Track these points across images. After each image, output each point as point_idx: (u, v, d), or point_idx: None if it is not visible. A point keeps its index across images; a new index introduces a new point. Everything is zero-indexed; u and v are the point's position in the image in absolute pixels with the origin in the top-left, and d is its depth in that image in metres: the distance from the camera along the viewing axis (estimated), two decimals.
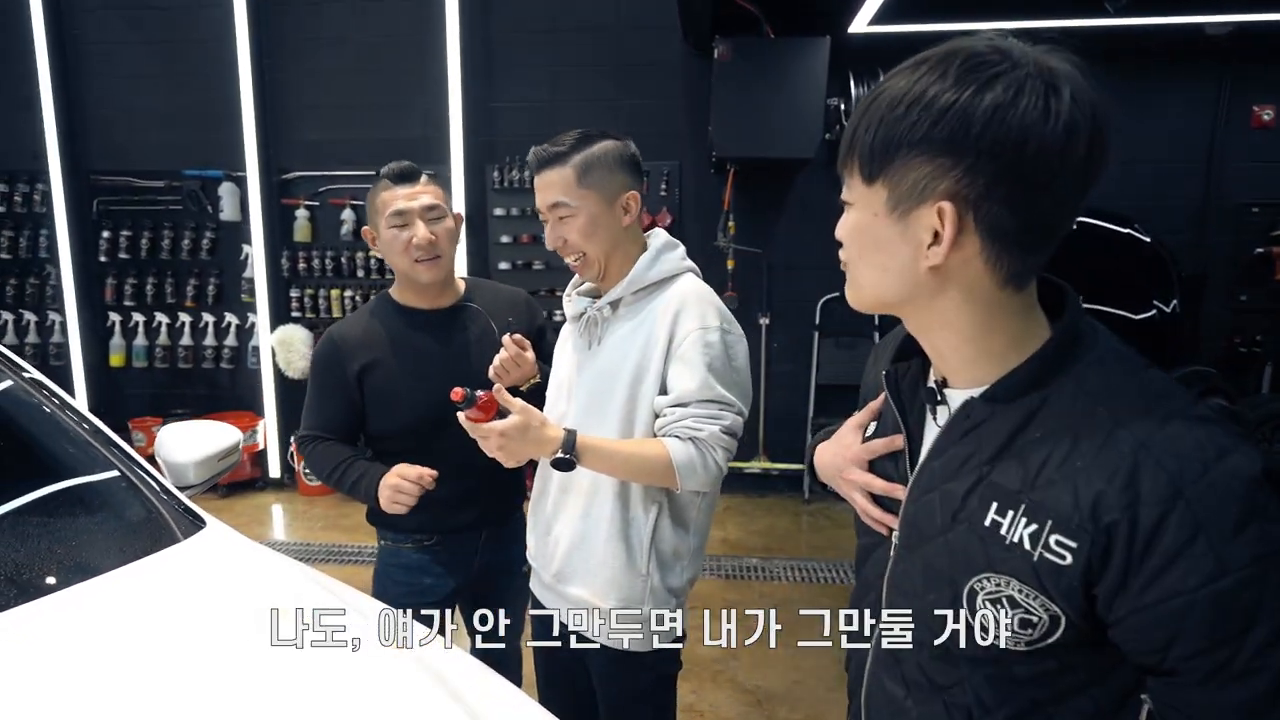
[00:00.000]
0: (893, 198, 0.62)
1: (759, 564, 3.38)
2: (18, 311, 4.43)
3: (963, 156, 0.58)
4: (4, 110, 4.27)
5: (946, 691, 0.69)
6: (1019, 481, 0.62)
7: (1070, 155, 0.58)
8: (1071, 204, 0.61)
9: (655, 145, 3.97)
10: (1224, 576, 0.54)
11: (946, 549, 0.67)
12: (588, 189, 1.20)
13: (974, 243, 0.61)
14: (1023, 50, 0.59)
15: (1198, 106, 3.84)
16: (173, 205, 4.29)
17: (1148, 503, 0.56)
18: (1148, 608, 0.57)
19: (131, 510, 1.23)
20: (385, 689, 0.92)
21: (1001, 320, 0.65)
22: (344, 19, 4.12)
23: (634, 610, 1.22)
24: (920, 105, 0.59)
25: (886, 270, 0.65)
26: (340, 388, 1.50)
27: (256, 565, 1.15)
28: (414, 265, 1.46)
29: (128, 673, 0.87)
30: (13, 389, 1.33)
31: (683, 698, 2.32)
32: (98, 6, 4.20)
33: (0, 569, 1.01)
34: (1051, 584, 0.60)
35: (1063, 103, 0.57)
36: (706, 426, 1.15)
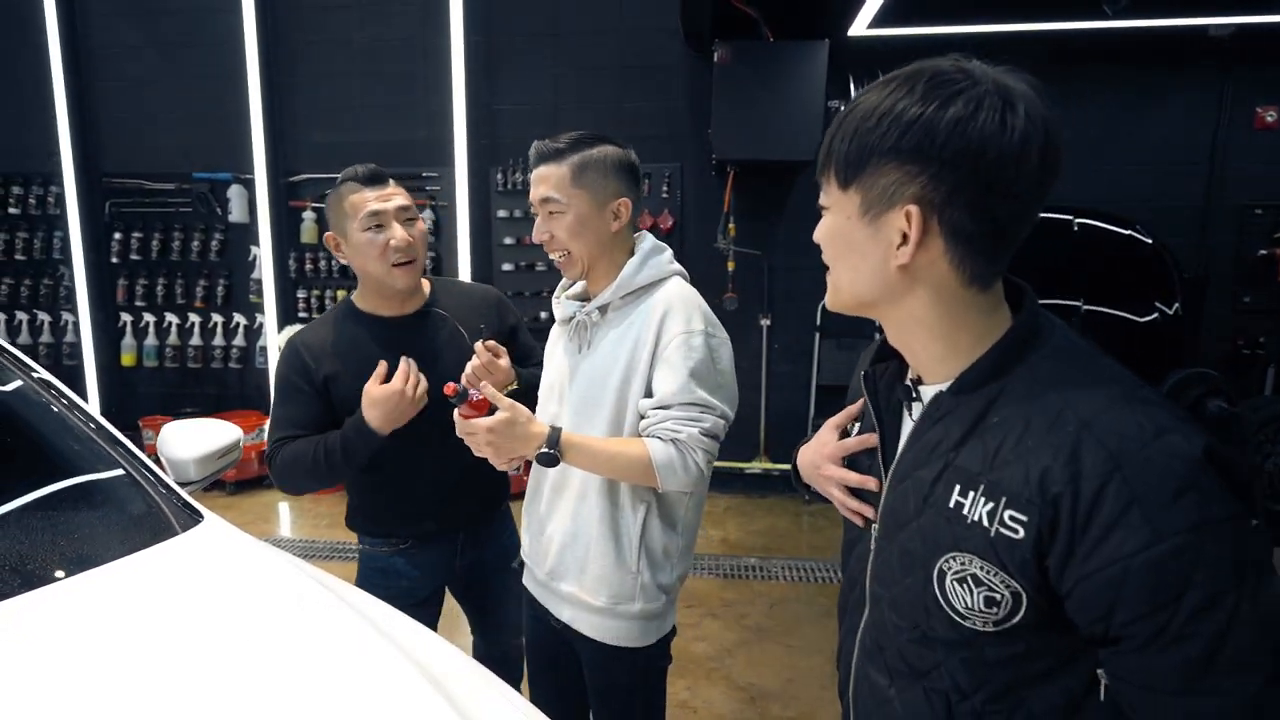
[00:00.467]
0: (865, 202, 0.67)
1: (757, 564, 3.41)
2: (32, 311, 4.52)
3: (928, 164, 0.63)
4: (19, 114, 4.36)
5: (925, 677, 0.72)
6: (979, 464, 0.66)
7: (1025, 164, 0.63)
8: (1027, 210, 0.66)
9: (656, 147, 4.01)
10: (1158, 544, 0.57)
11: (919, 533, 0.71)
12: (580, 189, 1.21)
13: (938, 244, 0.66)
14: (983, 70, 0.65)
15: (1200, 108, 3.83)
16: (183, 207, 4.37)
17: (1088, 476, 0.60)
18: (1090, 575, 0.60)
19: (132, 505, 1.27)
20: (367, 678, 0.96)
21: (968, 318, 0.69)
22: (349, 24, 4.18)
23: (625, 607, 1.25)
24: (890, 118, 0.64)
25: (859, 270, 0.70)
26: (309, 391, 1.46)
27: (248, 557, 1.19)
28: (390, 270, 1.41)
29: (120, 657, 0.91)
30: (22, 388, 1.38)
31: (677, 694, 2.36)
32: (110, 12, 4.28)
33: (6, 559, 1.05)
34: (1008, 558, 0.64)
35: (1018, 117, 0.62)
36: (687, 428, 1.17)
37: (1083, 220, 3.79)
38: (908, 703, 0.74)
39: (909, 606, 0.72)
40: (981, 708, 0.69)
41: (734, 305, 4.02)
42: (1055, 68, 3.83)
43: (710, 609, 2.97)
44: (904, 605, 0.73)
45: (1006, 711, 0.69)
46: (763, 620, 2.88)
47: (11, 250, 4.43)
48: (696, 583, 3.20)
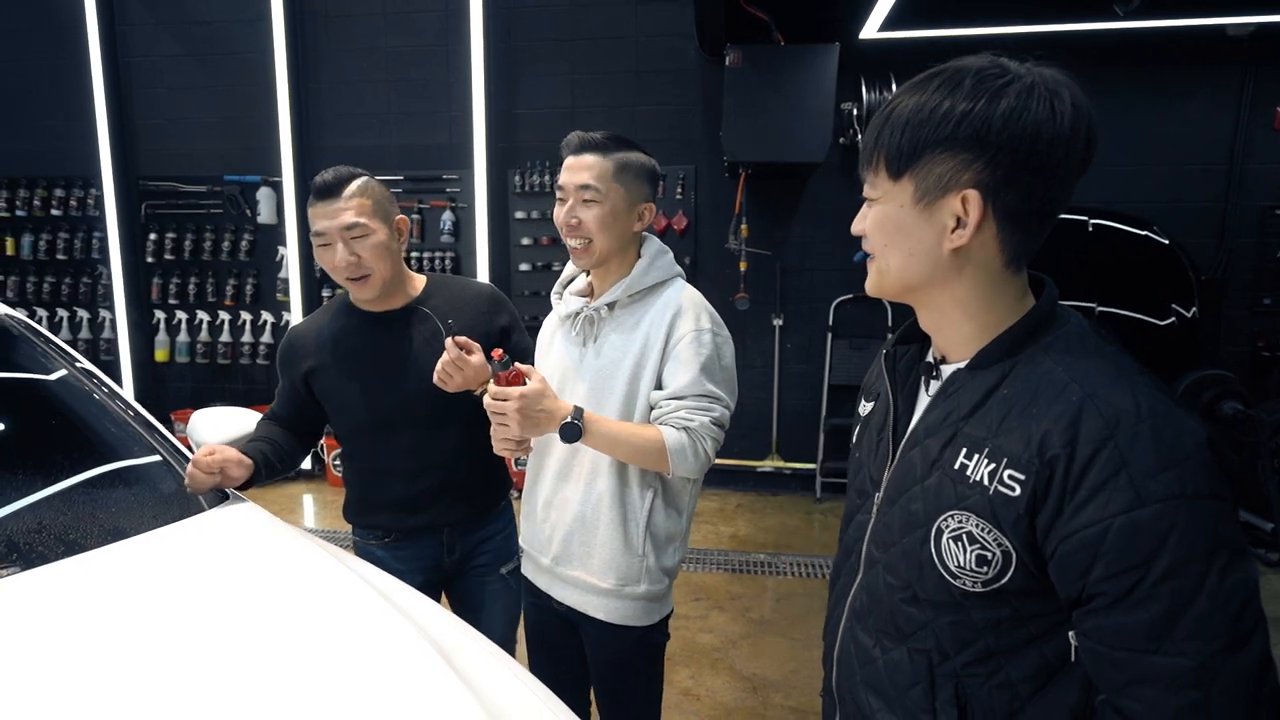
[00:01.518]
0: (919, 190, 0.72)
1: (767, 559, 3.45)
2: (72, 309, 4.73)
3: (984, 151, 0.68)
4: (62, 121, 4.56)
5: (910, 639, 0.77)
6: (986, 430, 0.71)
7: (1073, 148, 0.69)
8: (1067, 189, 0.72)
9: (671, 150, 4.08)
10: (1139, 508, 0.61)
11: (923, 494, 0.75)
12: (619, 184, 1.28)
13: (991, 225, 0.71)
14: (1019, 65, 0.71)
15: (1219, 108, 3.80)
16: (214, 209, 4.54)
17: (1084, 441, 0.64)
18: (1074, 534, 0.64)
19: (164, 483, 1.37)
20: (375, 640, 1.04)
21: (1001, 299, 0.74)
22: (374, 32, 4.32)
23: (631, 588, 1.32)
24: (942, 111, 0.69)
25: (913, 254, 0.74)
26: (290, 383, 1.55)
27: (268, 531, 1.29)
28: (348, 282, 1.43)
29: (147, 615, 1.00)
30: (66, 377, 1.49)
31: (681, 682, 2.43)
32: (148, 23, 4.47)
33: (51, 529, 1.16)
34: (1003, 515, 0.68)
35: (1065, 105, 0.68)
36: (698, 417, 1.25)
37: (1098, 221, 3.77)
38: (891, 662, 0.79)
39: (904, 566, 0.76)
40: (961, 669, 0.74)
41: (746, 305, 4.07)
42: (1071, 68, 3.80)
43: (717, 602, 3.03)
44: (899, 565, 0.77)
45: (985, 675, 0.73)
46: (769, 614, 2.93)
47: (53, 250, 4.63)
48: (705, 577, 3.26)
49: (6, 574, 1.05)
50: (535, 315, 4.26)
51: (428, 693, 0.94)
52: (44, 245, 4.63)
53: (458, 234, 4.37)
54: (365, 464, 1.56)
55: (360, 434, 1.54)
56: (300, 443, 1.61)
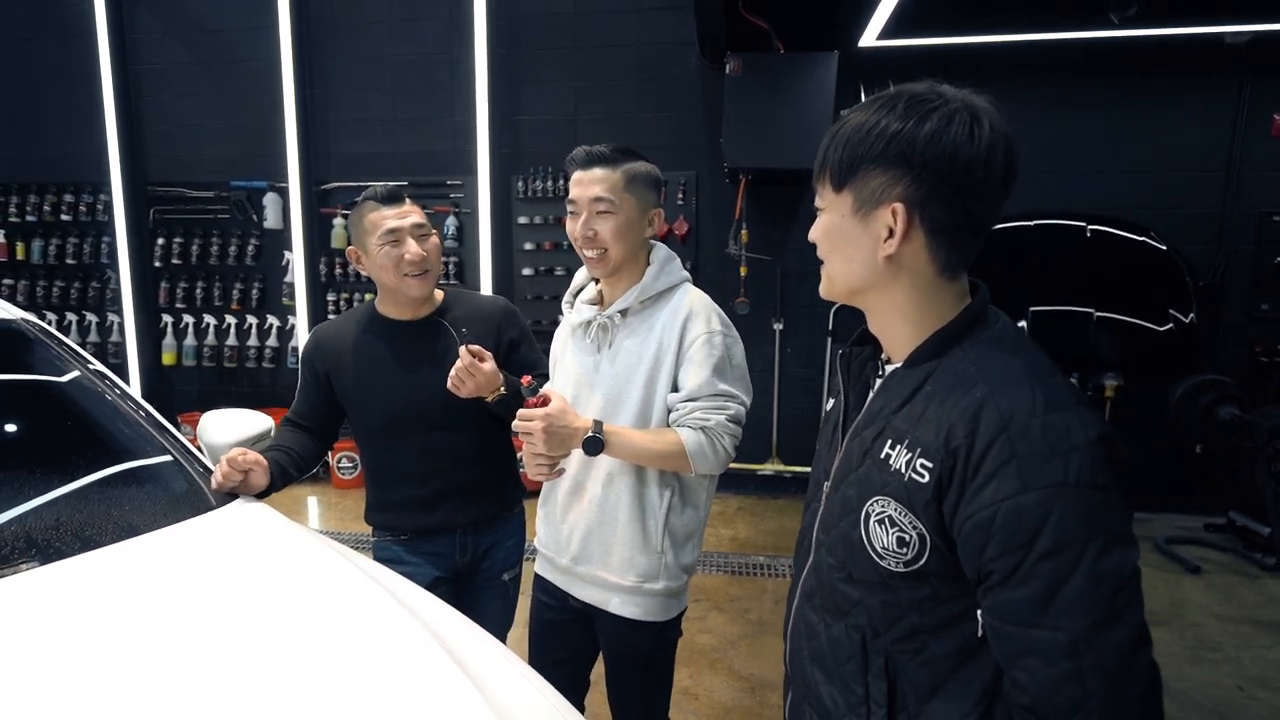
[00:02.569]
0: (857, 201, 0.79)
1: (766, 561, 3.48)
2: (81, 313, 4.79)
3: (910, 168, 0.75)
4: (72, 127, 4.63)
5: (847, 616, 0.84)
6: (908, 423, 0.78)
7: (990, 169, 0.75)
8: (992, 207, 0.78)
9: (672, 156, 4.12)
10: (1023, 493, 0.67)
11: (857, 481, 0.82)
12: (630, 195, 1.33)
13: (919, 236, 0.78)
14: (953, 91, 0.77)
15: (1217, 115, 3.82)
16: (221, 214, 4.60)
17: (982, 433, 0.71)
18: (971, 516, 0.71)
19: (174, 483, 1.41)
20: (380, 635, 1.07)
21: (936, 304, 0.81)
22: (380, 40, 4.37)
23: (651, 585, 1.36)
24: (876, 131, 0.76)
25: (853, 260, 0.81)
26: (314, 382, 1.63)
27: (278, 529, 1.33)
28: (404, 280, 1.53)
29: (160, 610, 1.04)
30: (79, 378, 1.54)
31: (680, 681, 2.45)
32: (157, 31, 4.54)
33: (66, 526, 1.20)
34: (915, 500, 0.75)
35: (984, 129, 0.74)
36: (714, 416, 1.30)
37: (1096, 226, 3.79)
38: (831, 638, 0.86)
39: (841, 547, 0.84)
40: (891, 645, 0.81)
41: (746, 310, 4.10)
42: (1070, 76, 3.86)
43: (716, 603, 3.05)
44: (837, 545, 0.84)
45: (912, 651, 0.80)
46: (767, 615, 2.96)
47: (63, 255, 4.70)
48: (705, 578, 3.29)
49: (25, 568, 1.09)
50: (538, 319, 4.30)
51: (435, 691, 0.96)
52: (54, 250, 4.69)
53: (461, 239, 4.41)
54: (381, 465, 1.63)
55: (376, 435, 1.60)
56: (317, 446, 1.66)
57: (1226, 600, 3.12)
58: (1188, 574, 3.36)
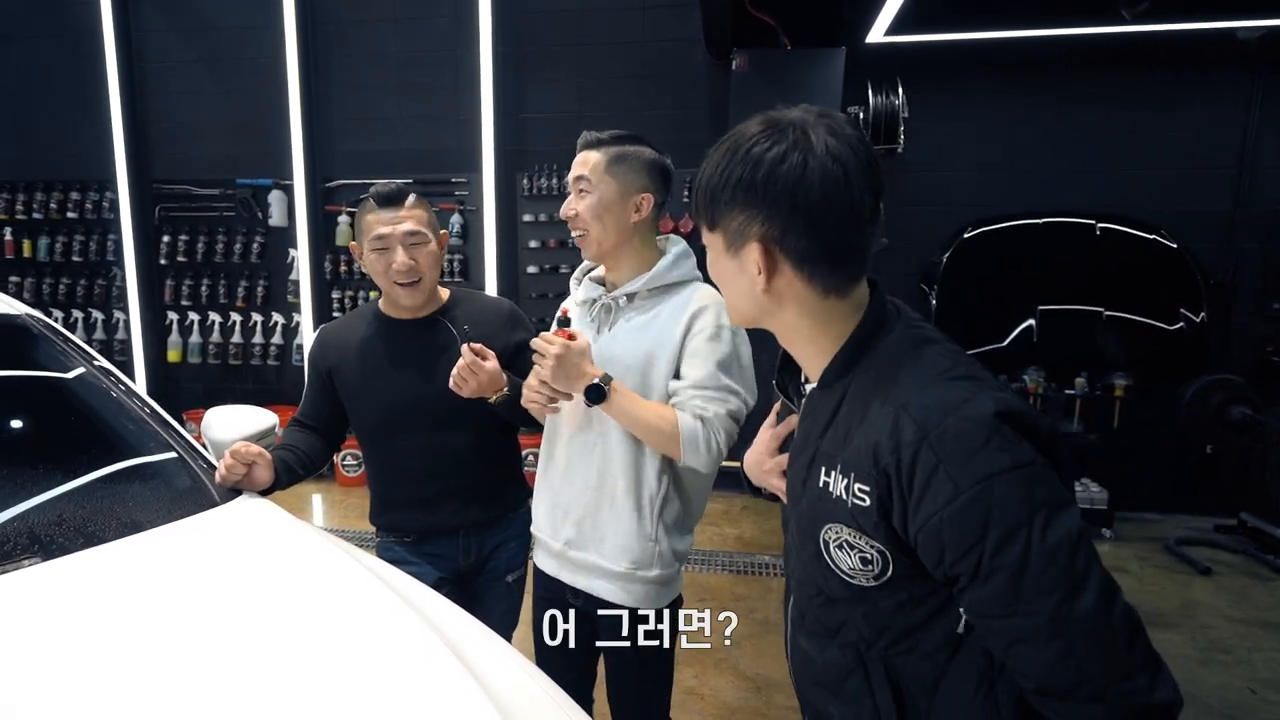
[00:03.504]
0: (726, 240, 0.81)
1: (771, 561, 3.46)
2: (87, 310, 4.79)
3: (759, 208, 0.76)
4: (78, 125, 4.63)
5: (838, 634, 0.84)
6: (835, 447, 0.79)
7: (832, 198, 0.74)
8: (856, 230, 0.77)
9: (678, 153, 4.04)
10: (959, 496, 0.68)
11: (805, 511, 0.83)
12: (610, 176, 1.33)
13: (788, 268, 0.78)
14: (790, 122, 0.76)
15: (1228, 111, 3.79)
16: (226, 212, 4.60)
17: (905, 446, 0.71)
18: (921, 529, 0.71)
19: (178, 479, 1.40)
20: (382, 629, 1.06)
21: (830, 323, 0.81)
22: (384, 38, 4.37)
23: (644, 572, 1.35)
24: (728, 165, 0.77)
25: (738, 294, 0.84)
26: (318, 382, 1.62)
27: (281, 525, 1.32)
28: (394, 287, 1.51)
29: (163, 606, 1.03)
30: (84, 374, 1.53)
31: (685, 681, 2.44)
32: (162, 29, 4.54)
33: (70, 522, 1.19)
34: (864, 523, 0.75)
35: (815, 159, 0.74)
36: (714, 407, 1.29)
37: (1105, 225, 3.76)
38: (828, 660, 0.86)
39: (810, 574, 0.84)
40: (886, 652, 0.81)
41: None
42: (1079, 71, 3.83)
43: (722, 603, 3.04)
44: (807, 574, 0.85)
45: (906, 652, 0.80)
46: (773, 614, 2.94)
47: (69, 252, 4.70)
48: (710, 578, 3.27)
49: (28, 564, 1.08)
50: (543, 317, 4.29)
51: (439, 688, 0.95)
52: (60, 247, 4.70)
53: (466, 237, 4.41)
54: (382, 464, 1.62)
55: (376, 432, 1.59)
56: (324, 446, 1.66)
57: (1238, 602, 3.08)
58: (1198, 575, 3.33)
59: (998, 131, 3.96)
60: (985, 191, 4.00)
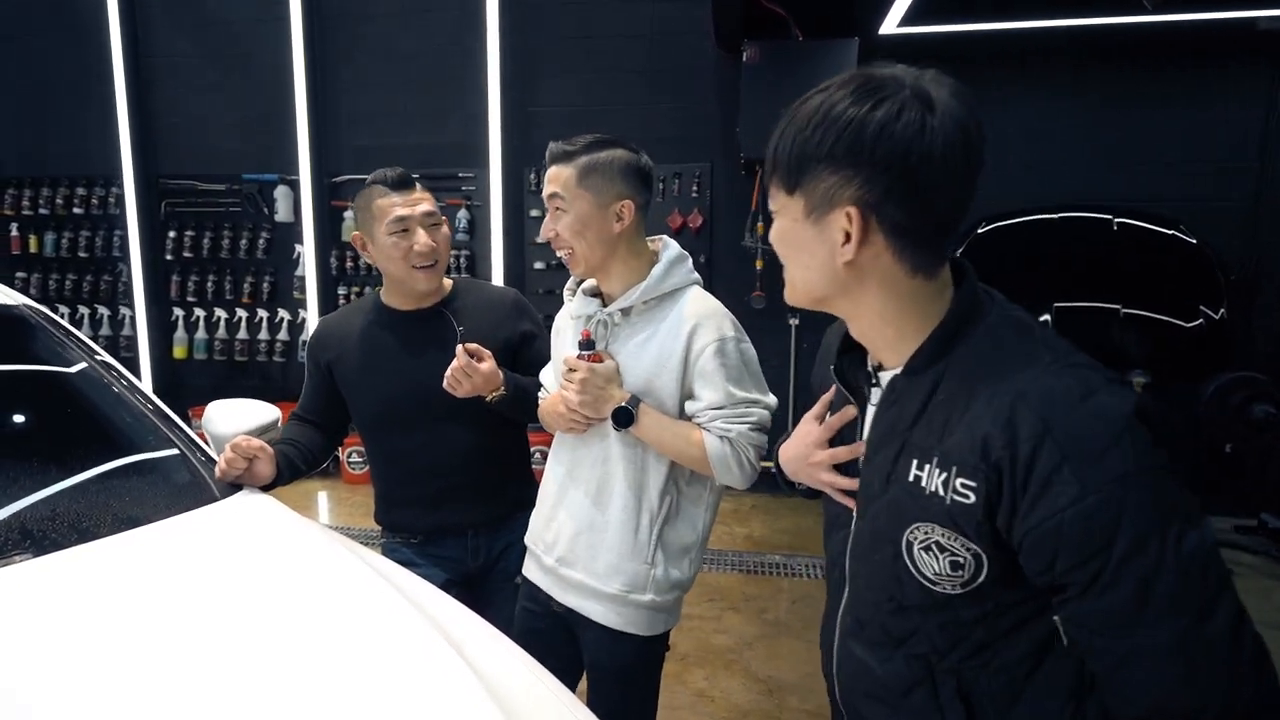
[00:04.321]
0: (809, 205, 0.72)
1: (782, 560, 3.41)
2: (93, 306, 4.78)
3: (860, 168, 0.68)
4: (84, 121, 4.62)
5: (904, 644, 0.77)
6: (931, 438, 0.71)
7: (947, 164, 0.67)
8: (959, 203, 0.70)
9: (686, 147, 4.05)
10: (1086, 497, 0.61)
11: (885, 509, 0.75)
12: (583, 190, 1.25)
13: (880, 239, 0.71)
14: (907, 75, 0.69)
15: (1250, 103, 3.71)
16: (232, 207, 4.57)
17: (1023, 439, 0.64)
18: (1033, 530, 0.64)
19: (177, 473, 1.37)
20: (382, 626, 1.02)
21: (916, 305, 0.74)
22: (391, 31, 4.33)
23: (637, 596, 1.28)
24: (823, 126, 0.69)
25: (809, 268, 0.75)
26: (317, 375, 1.58)
27: (281, 520, 1.28)
28: (412, 272, 1.46)
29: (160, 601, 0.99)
30: (79, 363, 1.49)
31: (695, 683, 2.39)
32: (168, 23, 4.52)
33: (65, 517, 1.15)
34: (964, 523, 0.68)
35: (936, 120, 0.67)
36: (736, 425, 1.24)
37: (1123, 220, 3.69)
38: (890, 671, 0.79)
39: (882, 579, 0.77)
40: (959, 664, 0.74)
41: (762, 304, 4.03)
42: (1096, 63, 3.76)
43: (732, 603, 2.99)
44: (877, 578, 0.78)
45: (981, 665, 0.73)
46: (784, 615, 2.89)
47: (75, 248, 4.69)
48: (720, 577, 3.22)
49: (19, 560, 1.04)
50: (550, 314, 4.23)
51: (440, 687, 0.92)
52: (66, 243, 4.68)
53: (473, 232, 4.37)
54: (384, 459, 1.58)
55: (378, 426, 1.56)
56: (325, 441, 1.62)
57: (1262, 605, 3.01)
58: None
59: (1013, 125, 3.89)
60: (999, 185, 3.91)
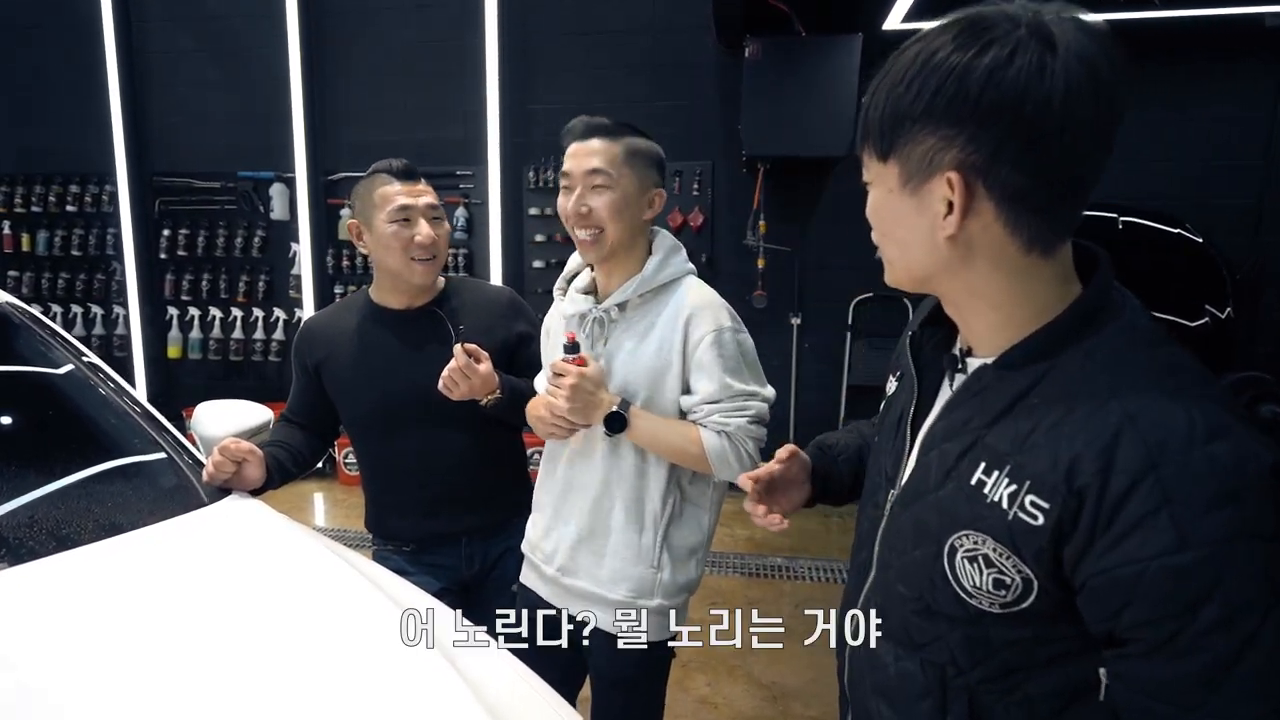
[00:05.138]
0: (905, 172, 0.63)
1: (784, 563, 3.37)
2: (86, 305, 4.72)
3: (964, 125, 0.58)
4: (77, 117, 4.56)
5: (923, 649, 0.70)
6: (1009, 444, 0.62)
7: (1074, 112, 0.57)
8: (1089, 160, 0.60)
9: (687, 145, 4.00)
10: (1182, 551, 0.53)
11: (936, 506, 0.68)
12: (630, 169, 1.22)
13: (989, 208, 0.60)
14: (1026, 11, 0.58)
15: (1256, 101, 3.68)
16: (227, 205, 4.52)
17: (1120, 471, 0.55)
18: (1104, 573, 0.56)
19: (164, 477, 1.32)
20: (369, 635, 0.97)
21: (1030, 288, 0.64)
22: (388, 27, 4.28)
23: (644, 601, 1.25)
24: (920, 78, 0.59)
25: (907, 244, 0.66)
26: (304, 377, 1.53)
27: (270, 526, 1.23)
28: (410, 264, 1.41)
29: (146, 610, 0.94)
30: (61, 362, 1.44)
31: (698, 690, 2.35)
32: (162, 19, 4.46)
33: (48, 523, 1.10)
34: (1023, 544, 0.60)
35: (1058, 61, 0.56)
36: (734, 419, 1.21)
37: (1128, 219, 3.66)
38: (903, 671, 0.73)
39: (916, 577, 0.70)
40: (976, 685, 0.67)
41: (763, 304, 3.99)
42: None
43: (734, 606, 2.94)
44: (911, 576, 0.71)
45: (1001, 692, 0.66)
46: (787, 619, 2.84)
47: (68, 246, 4.63)
48: (721, 580, 3.18)
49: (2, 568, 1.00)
50: None
51: (428, 694, 0.89)
52: (59, 241, 4.62)
53: (471, 230, 4.32)
54: (376, 464, 1.53)
55: (370, 428, 1.50)
56: (316, 443, 1.57)
57: None
58: None
59: None
60: None
